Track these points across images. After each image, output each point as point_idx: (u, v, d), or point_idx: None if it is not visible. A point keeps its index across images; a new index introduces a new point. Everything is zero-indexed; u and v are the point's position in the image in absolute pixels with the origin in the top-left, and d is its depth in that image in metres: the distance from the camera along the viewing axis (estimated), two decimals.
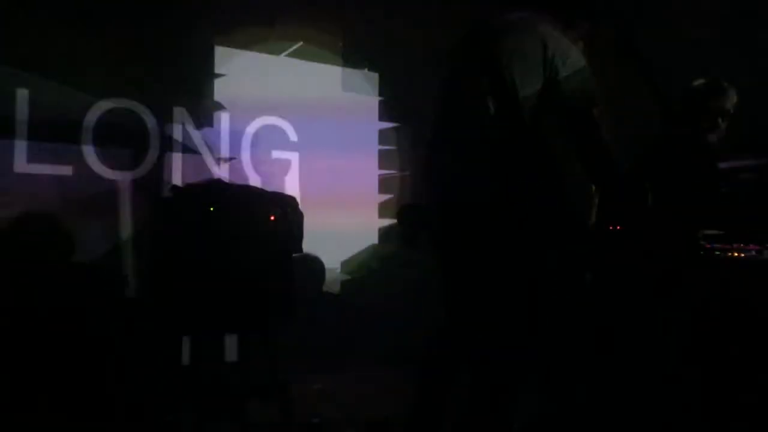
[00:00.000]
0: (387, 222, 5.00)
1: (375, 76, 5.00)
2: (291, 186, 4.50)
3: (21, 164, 3.52)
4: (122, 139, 3.78)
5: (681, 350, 2.68)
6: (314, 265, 4.53)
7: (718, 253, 2.59)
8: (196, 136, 4.13)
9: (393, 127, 5.09)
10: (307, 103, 4.58)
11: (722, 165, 3.02)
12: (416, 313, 3.90)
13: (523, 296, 2.12)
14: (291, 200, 2.91)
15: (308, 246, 3.13)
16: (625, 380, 2.92)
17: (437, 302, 2.34)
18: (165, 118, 3.98)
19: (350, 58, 4.86)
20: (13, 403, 2.40)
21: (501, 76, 2.09)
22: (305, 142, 4.63)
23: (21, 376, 2.47)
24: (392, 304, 4.52)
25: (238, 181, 4.12)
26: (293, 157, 4.60)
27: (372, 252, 5.03)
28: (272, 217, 2.80)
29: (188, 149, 4.09)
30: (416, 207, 2.55)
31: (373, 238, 5.06)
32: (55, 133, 3.58)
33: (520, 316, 2.13)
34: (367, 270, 4.84)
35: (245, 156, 4.37)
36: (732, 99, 3.06)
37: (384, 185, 5.09)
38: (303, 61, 4.69)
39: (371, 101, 5.02)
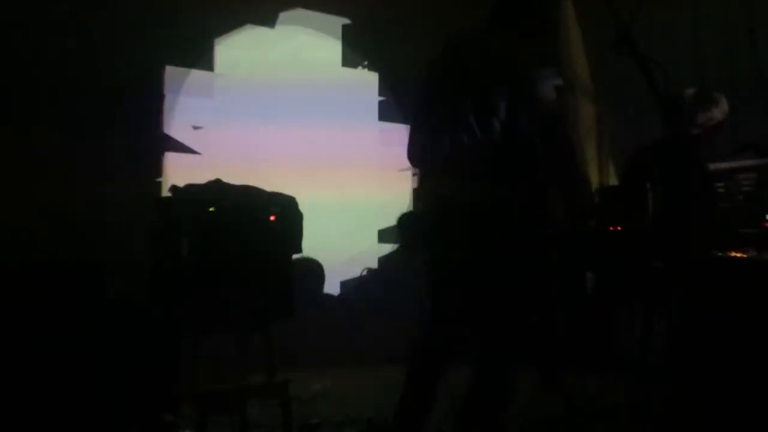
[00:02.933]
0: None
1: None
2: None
3: None
4: None
5: (680, 351, 2.68)
6: (313, 267, 4.54)
7: (719, 253, 2.59)
8: None
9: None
10: None
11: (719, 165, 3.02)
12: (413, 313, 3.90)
13: (513, 299, 2.19)
14: (291, 200, 2.91)
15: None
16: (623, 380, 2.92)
17: (429, 302, 2.40)
18: None
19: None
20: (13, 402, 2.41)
21: (478, 88, 2.18)
22: None
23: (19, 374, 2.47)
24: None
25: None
26: None
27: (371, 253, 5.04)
28: (272, 217, 2.80)
29: None
30: (415, 214, 2.63)
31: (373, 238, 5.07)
32: None
33: (510, 318, 2.19)
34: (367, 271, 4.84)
35: None
36: (722, 109, 3.04)
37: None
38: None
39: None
